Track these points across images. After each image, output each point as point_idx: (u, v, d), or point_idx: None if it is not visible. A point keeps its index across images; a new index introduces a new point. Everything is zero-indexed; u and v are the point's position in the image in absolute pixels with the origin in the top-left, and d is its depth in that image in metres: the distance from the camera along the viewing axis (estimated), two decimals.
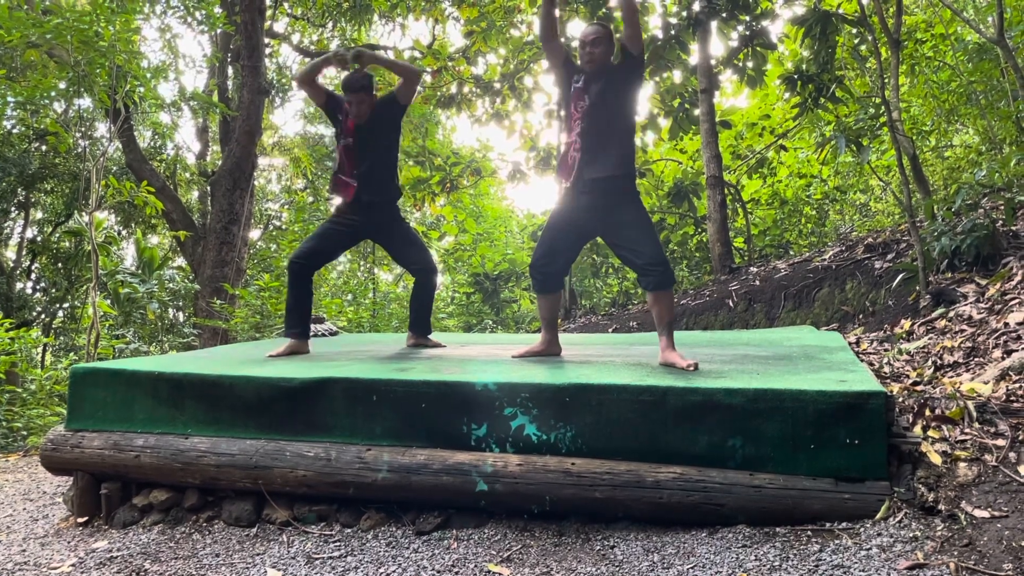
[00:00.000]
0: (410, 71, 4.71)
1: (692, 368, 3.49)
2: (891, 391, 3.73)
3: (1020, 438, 3.08)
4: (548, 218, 4.19)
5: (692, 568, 2.70)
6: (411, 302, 4.96)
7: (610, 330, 9.17)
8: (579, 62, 4.06)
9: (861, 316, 7.00)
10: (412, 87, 4.66)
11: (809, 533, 2.82)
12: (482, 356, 4.36)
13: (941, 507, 2.77)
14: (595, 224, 4.00)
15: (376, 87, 4.72)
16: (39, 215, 18.10)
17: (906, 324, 5.76)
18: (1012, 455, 2.99)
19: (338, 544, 3.26)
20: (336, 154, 4.82)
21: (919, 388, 3.98)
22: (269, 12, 14.88)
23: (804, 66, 10.15)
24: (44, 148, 15.14)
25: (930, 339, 5.14)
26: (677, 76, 11.73)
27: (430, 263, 4.76)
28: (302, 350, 4.83)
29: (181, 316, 14.57)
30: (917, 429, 3.28)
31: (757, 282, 8.66)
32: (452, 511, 3.36)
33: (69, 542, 3.63)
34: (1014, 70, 6.55)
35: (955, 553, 2.52)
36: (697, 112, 10.93)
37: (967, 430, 3.20)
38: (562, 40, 4.37)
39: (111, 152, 13.39)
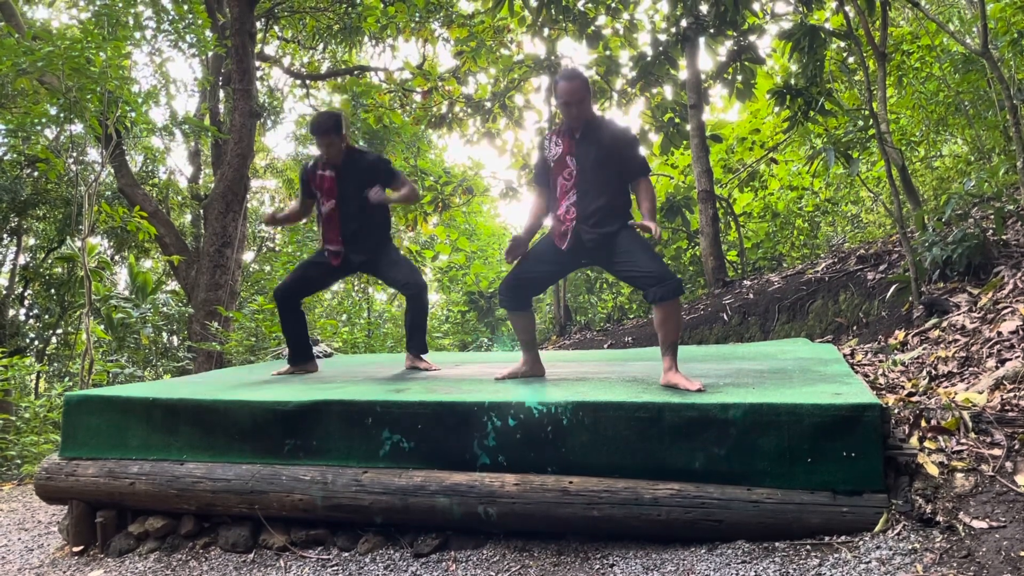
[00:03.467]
0: (412, 199, 4.67)
1: (698, 390, 3.35)
2: (886, 403, 3.73)
3: (1016, 447, 3.08)
4: (538, 241, 4.11)
5: None
6: (404, 322, 4.93)
7: (606, 346, 9.17)
8: (560, 114, 3.94)
9: (855, 327, 7.01)
10: (408, 203, 4.58)
11: (808, 547, 2.82)
12: (477, 376, 4.35)
13: (939, 518, 2.76)
14: (588, 257, 3.95)
15: (345, 127, 4.62)
16: (31, 241, 18.08)
17: (900, 335, 5.77)
18: (1008, 465, 2.99)
19: (336, 568, 3.24)
20: (319, 227, 4.75)
21: (914, 399, 3.98)
22: (260, 35, 14.94)
23: (793, 80, 10.23)
24: (36, 174, 15.14)
25: (924, 349, 5.14)
26: (667, 92, 11.81)
27: (418, 280, 4.66)
28: (309, 369, 4.87)
29: (176, 340, 14.52)
30: (913, 440, 3.28)
31: (751, 295, 8.68)
32: (450, 532, 3.34)
33: (65, 572, 3.60)
34: (999, 81, 6.61)
35: (954, 565, 2.52)
36: (688, 127, 10.99)
37: (963, 440, 3.21)
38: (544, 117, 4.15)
39: (103, 177, 13.39)
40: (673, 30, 10.47)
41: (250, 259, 19.69)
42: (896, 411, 3.65)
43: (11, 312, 16.58)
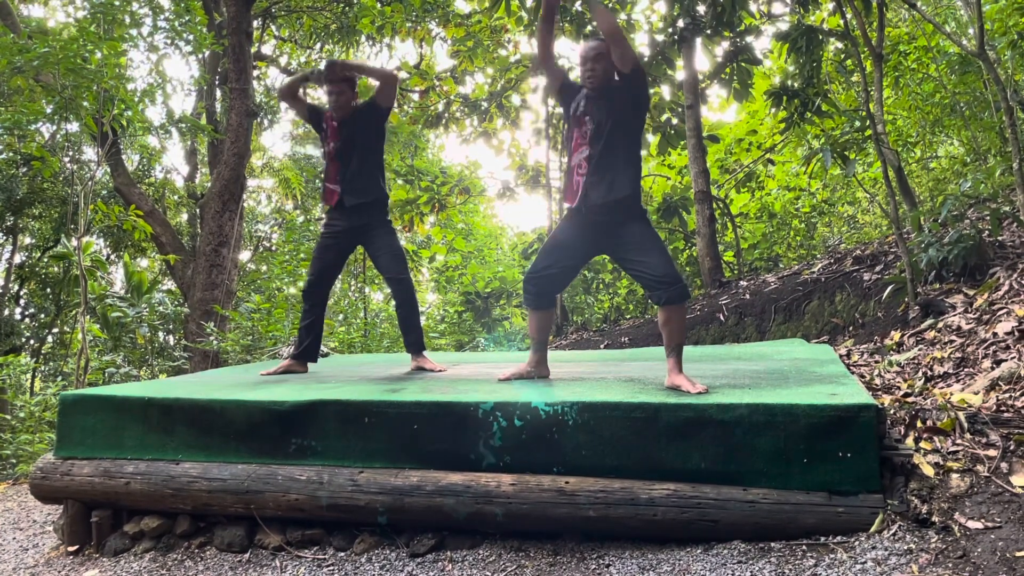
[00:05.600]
0: (386, 74, 4.80)
1: (702, 392, 3.32)
2: (882, 403, 3.74)
3: (1011, 448, 3.09)
4: (552, 232, 4.10)
5: None
6: (398, 320, 4.94)
7: (602, 346, 9.17)
8: (580, 80, 3.97)
9: (851, 328, 7.02)
10: (389, 90, 4.72)
11: (804, 548, 2.82)
12: (474, 376, 4.35)
13: (935, 519, 2.77)
14: (601, 243, 3.89)
15: (356, 85, 4.79)
16: (27, 240, 18.03)
17: (896, 335, 5.78)
18: (1004, 465, 2.99)
19: (332, 568, 3.24)
20: (324, 165, 4.92)
21: (910, 400, 3.99)
22: (256, 34, 14.92)
23: (790, 81, 10.26)
24: (31, 173, 15.10)
25: (920, 350, 5.16)
26: (665, 92, 11.82)
27: (402, 274, 4.67)
28: (296, 369, 4.85)
29: (172, 340, 14.49)
30: (909, 441, 3.28)
31: (747, 296, 8.69)
32: (446, 532, 3.34)
33: (60, 572, 3.60)
34: (995, 82, 6.62)
35: (950, 565, 2.52)
36: (685, 127, 11.00)
37: (959, 441, 3.21)
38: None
39: (99, 176, 13.36)
40: (670, 30, 10.48)
41: (246, 259, 19.66)
42: (892, 412, 3.66)
43: (7, 311, 16.54)
